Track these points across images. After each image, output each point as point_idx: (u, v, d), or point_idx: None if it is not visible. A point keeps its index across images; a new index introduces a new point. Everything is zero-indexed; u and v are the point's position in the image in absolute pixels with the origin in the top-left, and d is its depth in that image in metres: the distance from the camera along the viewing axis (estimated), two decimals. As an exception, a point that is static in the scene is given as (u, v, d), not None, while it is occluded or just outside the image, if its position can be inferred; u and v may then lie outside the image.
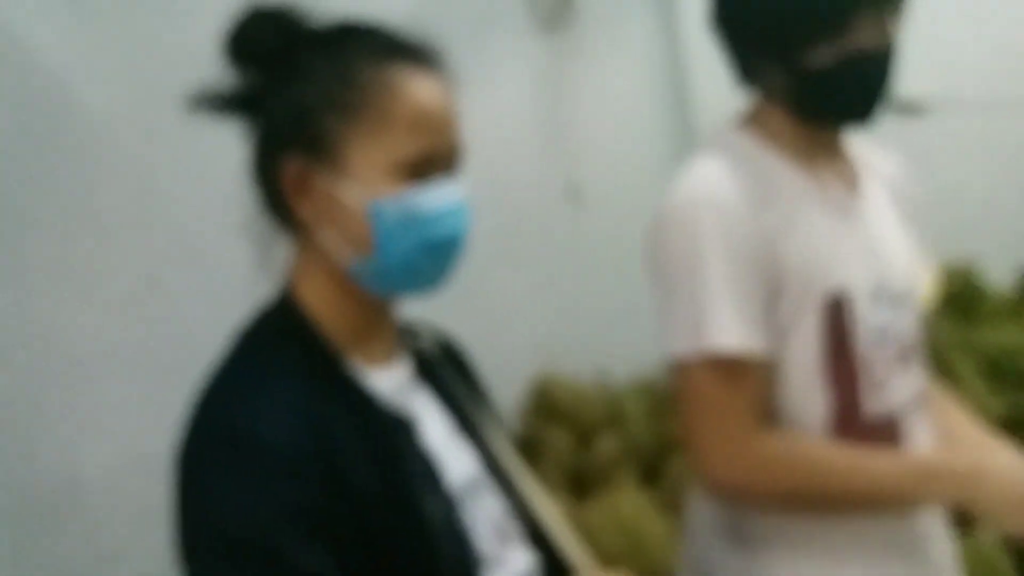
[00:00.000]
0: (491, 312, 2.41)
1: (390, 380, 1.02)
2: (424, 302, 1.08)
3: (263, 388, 0.93)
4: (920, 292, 1.29)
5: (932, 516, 1.22)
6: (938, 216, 1.38)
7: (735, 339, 1.10)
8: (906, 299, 1.24)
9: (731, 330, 1.10)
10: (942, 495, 1.15)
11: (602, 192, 2.59)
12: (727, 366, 1.11)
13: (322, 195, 0.97)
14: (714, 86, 2.44)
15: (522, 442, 2.22)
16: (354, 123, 0.96)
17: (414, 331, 1.16)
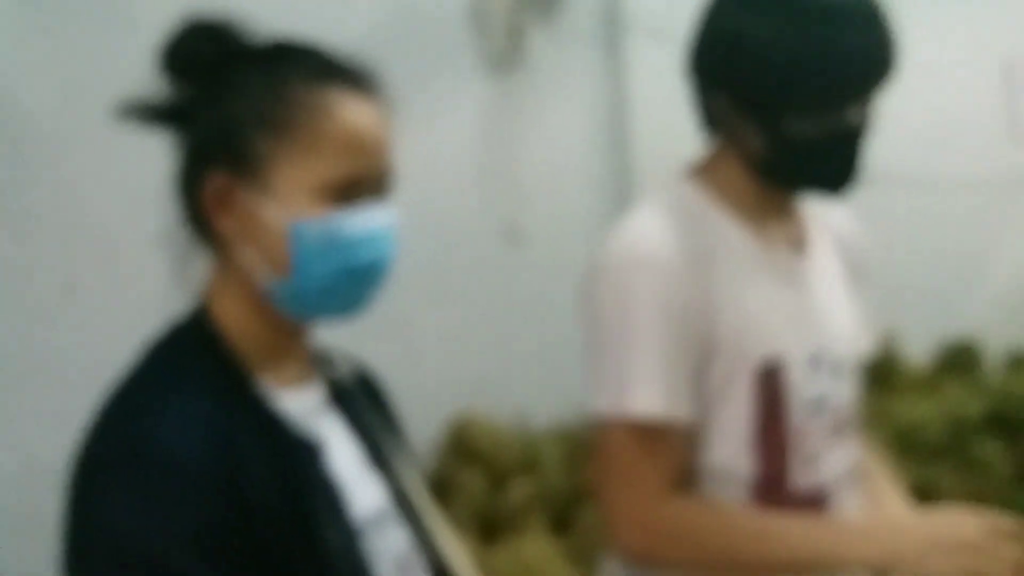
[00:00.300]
0: (415, 346, 2.41)
1: (300, 403, 1.00)
2: (346, 330, 1.07)
3: (168, 401, 0.91)
4: (860, 358, 1.28)
5: None
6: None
7: (656, 406, 1.08)
8: (845, 368, 1.23)
9: (653, 397, 1.08)
10: (862, 553, 1.11)
11: (538, 234, 2.61)
12: (645, 432, 1.10)
13: (244, 212, 0.96)
14: (654, 135, 2.54)
15: (435, 481, 2.20)
16: (283, 142, 0.94)
17: (329, 357, 1.15)
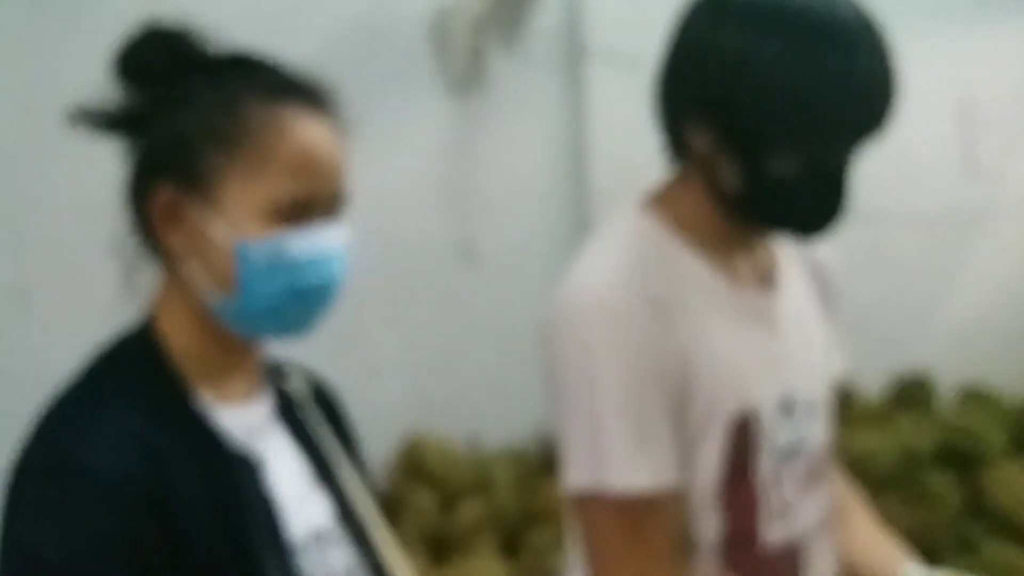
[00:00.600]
0: (369, 364, 2.41)
1: (243, 418, 1.00)
2: (300, 346, 1.07)
3: (98, 415, 0.91)
4: (833, 382, 1.22)
5: None
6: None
7: (642, 480, 0.98)
8: (818, 406, 1.17)
9: (637, 470, 0.98)
10: None
11: (494, 255, 2.62)
12: (635, 508, 0.99)
13: (191, 228, 0.95)
14: (612, 159, 2.57)
15: (387, 499, 2.19)
16: (233, 158, 0.94)
17: (282, 371, 1.14)
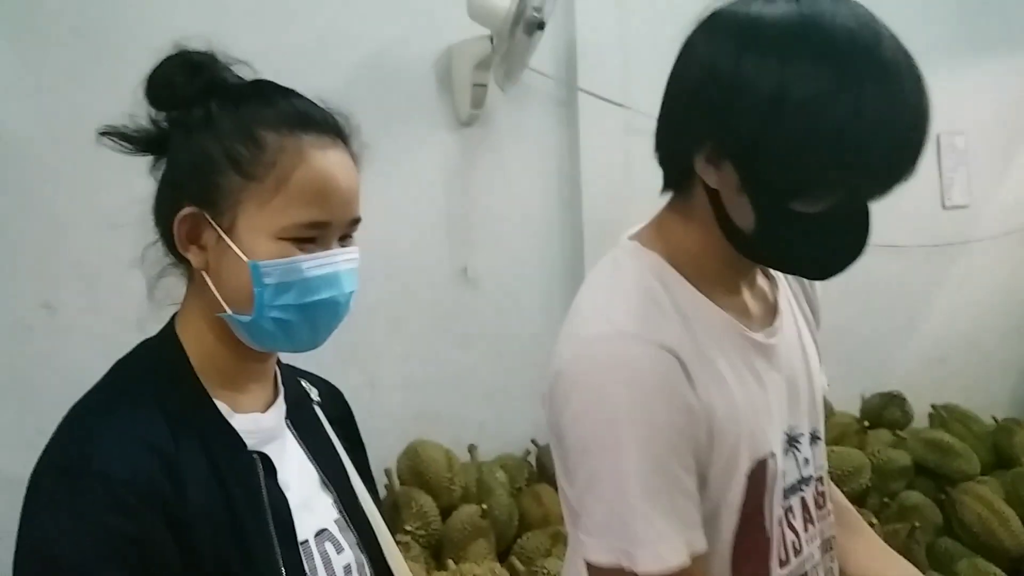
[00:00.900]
0: (373, 378, 2.47)
1: (256, 423, 1.02)
2: (312, 359, 1.09)
3: (114, 420, 0.91)
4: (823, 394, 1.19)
5: None
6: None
7: (674, 559, 0.90)
8: (818, 433, 1.15)
9: (666, 549, 0.90)
10: None
11: (493, 278, 2.67)
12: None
13: (209, 246, 0.98)
14: (603, 191, 2.63)
15: (389, 504, 2.27)
16: (251, 184, 0.95)
17: (296, 378, 1.17)
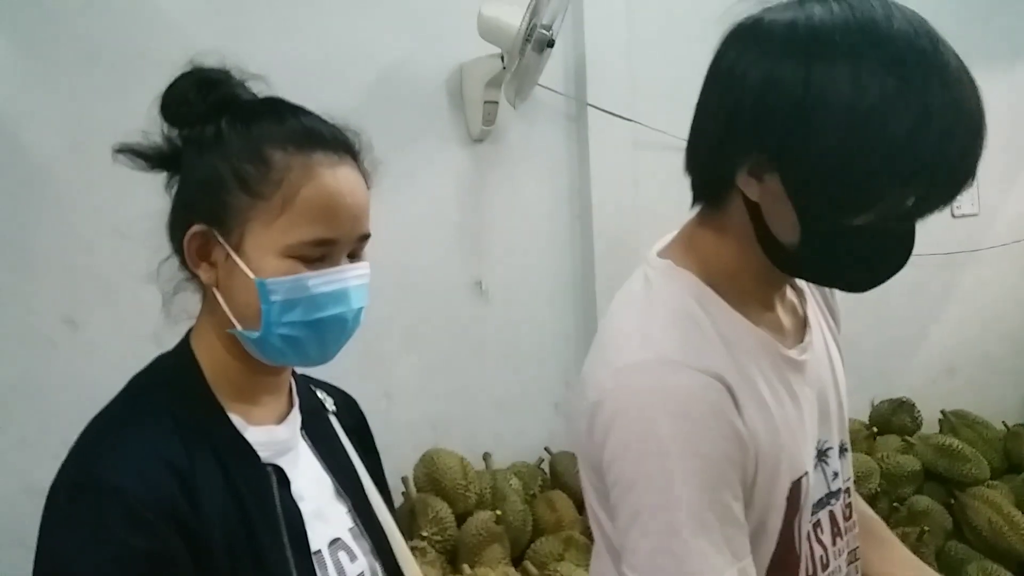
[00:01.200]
0: (390, 388, 2.51)
1: (269, 437, 1.02)
2: (329, 370, 1.11)
3: (129, 436, 0.92)
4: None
5: None
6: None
7: None
8: (845, 445, 1.16)
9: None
10: None
11: (505, 291, 2.71)
12: None
13: (219, 264, 0.98)
14: (612, 204, 2.68)
15: (406, 512, 2.30)
16: (258, 203, 0.95)
17: (312, 389, 1.18)
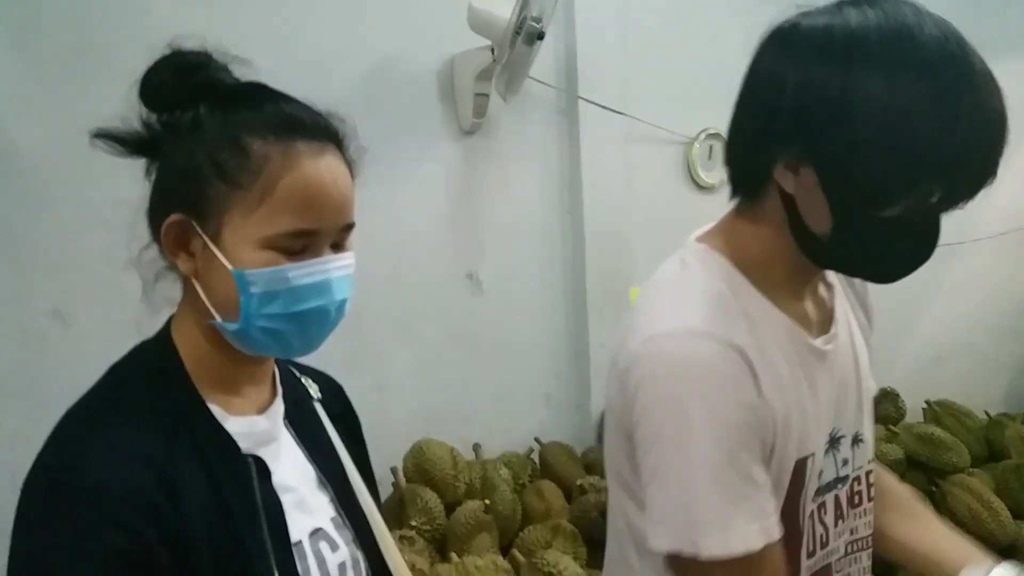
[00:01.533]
0: (382, 379, 2.53)
1: (250, 427, 1.01)
2: (320, 360, 1.11)
3: (106, 431, 0.90)
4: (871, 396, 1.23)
5: None
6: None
7: (756, 542, 0.96)
8: (862, 436, 1.18)
9: (734, 533, 0.95)
10: None
11: (496, 283, 2.74)
12: (750, 561, 0.97)
13: (198, 254, 0.96)
14: (603, 197, 2.69)
15: (396, 501, 2.32)
16: (237, 192, 0.92)
17: (296, 376, 1.16)
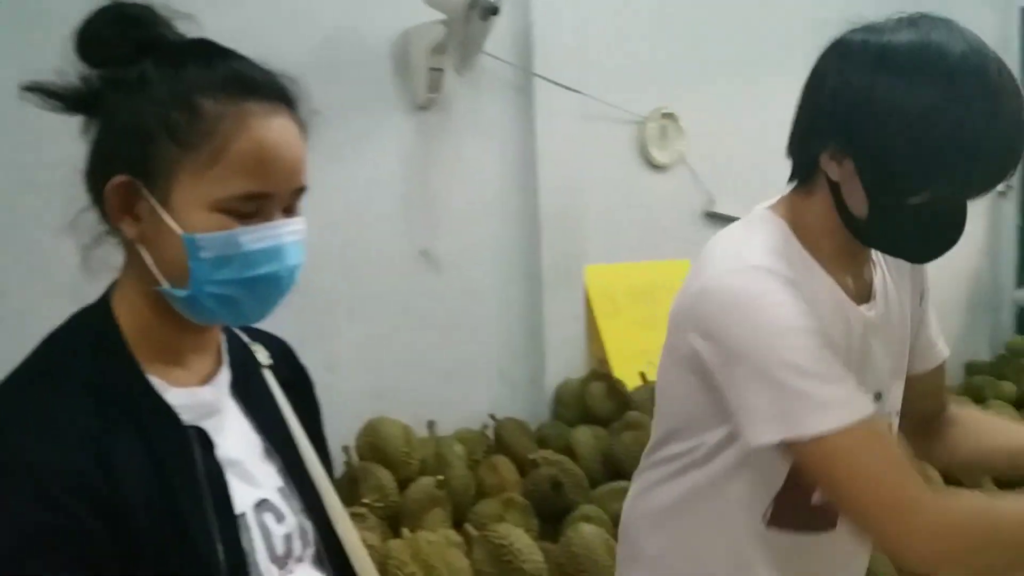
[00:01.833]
0: (335, 357, 2.52)
1: (192, 398, 0.98)
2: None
3: (39, 404, 0.88)
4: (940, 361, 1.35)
5: None
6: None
7: (845, 415, 1.03)
8: (880, 394, 1.23)
9: (835, 407, 1.03)
10: None
11: (450, 259, 2.75)
12: (871, 427, 1.03)
13: (144, 218, 0.92)
14: (558, 173, 2.71)
15: (349, 477, 2.32)
16: (188, 154, 0.89)
17: (245, 343, 1.12)
